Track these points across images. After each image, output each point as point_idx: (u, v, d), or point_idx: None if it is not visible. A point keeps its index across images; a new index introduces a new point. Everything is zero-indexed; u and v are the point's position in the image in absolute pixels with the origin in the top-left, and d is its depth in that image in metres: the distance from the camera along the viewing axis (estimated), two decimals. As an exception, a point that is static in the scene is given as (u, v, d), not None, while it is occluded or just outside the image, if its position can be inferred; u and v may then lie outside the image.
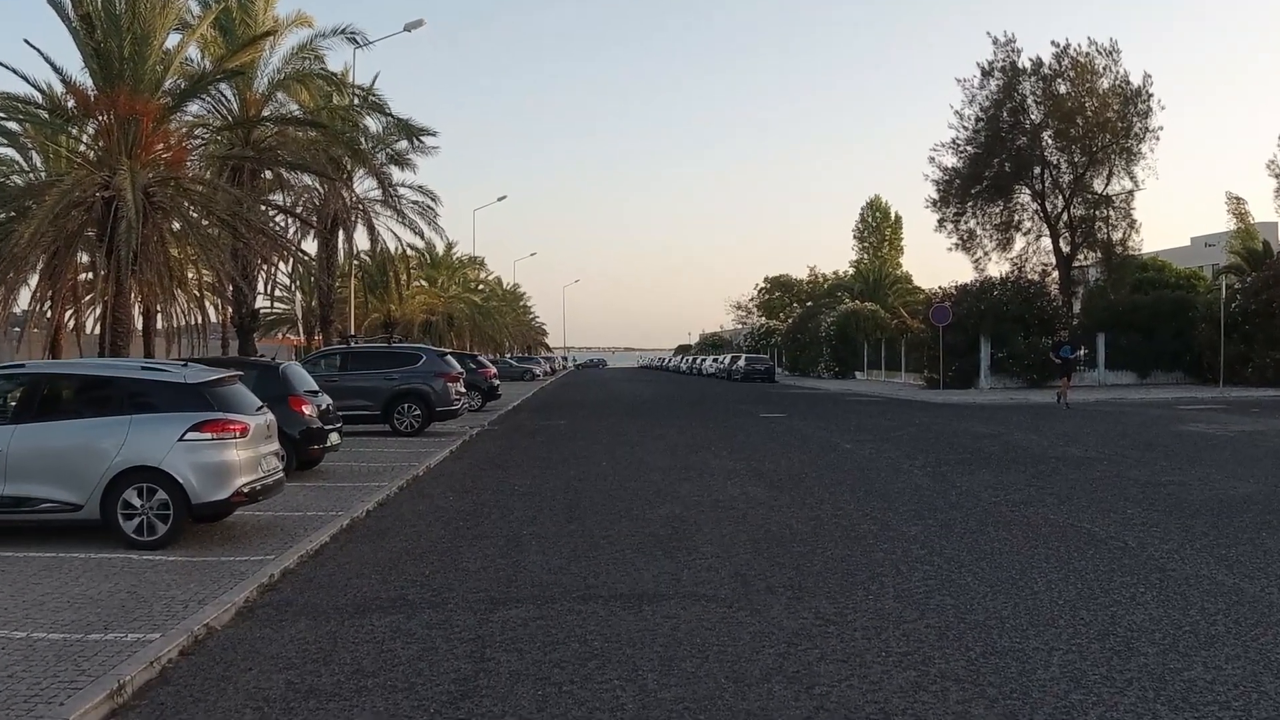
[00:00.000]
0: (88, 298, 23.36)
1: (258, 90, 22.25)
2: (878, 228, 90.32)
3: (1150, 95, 39.45)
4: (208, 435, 7.85)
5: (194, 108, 20.54)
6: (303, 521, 9.00)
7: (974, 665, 4.92)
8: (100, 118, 16.25)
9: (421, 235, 35.38)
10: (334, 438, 12.94)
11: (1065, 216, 41.05)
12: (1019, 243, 42.88)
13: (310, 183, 26.53)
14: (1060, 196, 41.08)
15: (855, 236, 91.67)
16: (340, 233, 28.48)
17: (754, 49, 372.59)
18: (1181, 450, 14.80)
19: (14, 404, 8.20)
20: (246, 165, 20.77)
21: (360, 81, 28.73)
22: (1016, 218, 42.71)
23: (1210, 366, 34.56)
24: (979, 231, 43.09)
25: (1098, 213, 40.44)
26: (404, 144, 29.59)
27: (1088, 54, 39.69)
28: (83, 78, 16.31)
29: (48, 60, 17.54)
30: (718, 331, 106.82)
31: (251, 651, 5.31)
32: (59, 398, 8.32)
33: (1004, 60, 40.60)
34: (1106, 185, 40.38)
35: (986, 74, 40.93)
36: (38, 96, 16.97)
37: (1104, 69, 39.69)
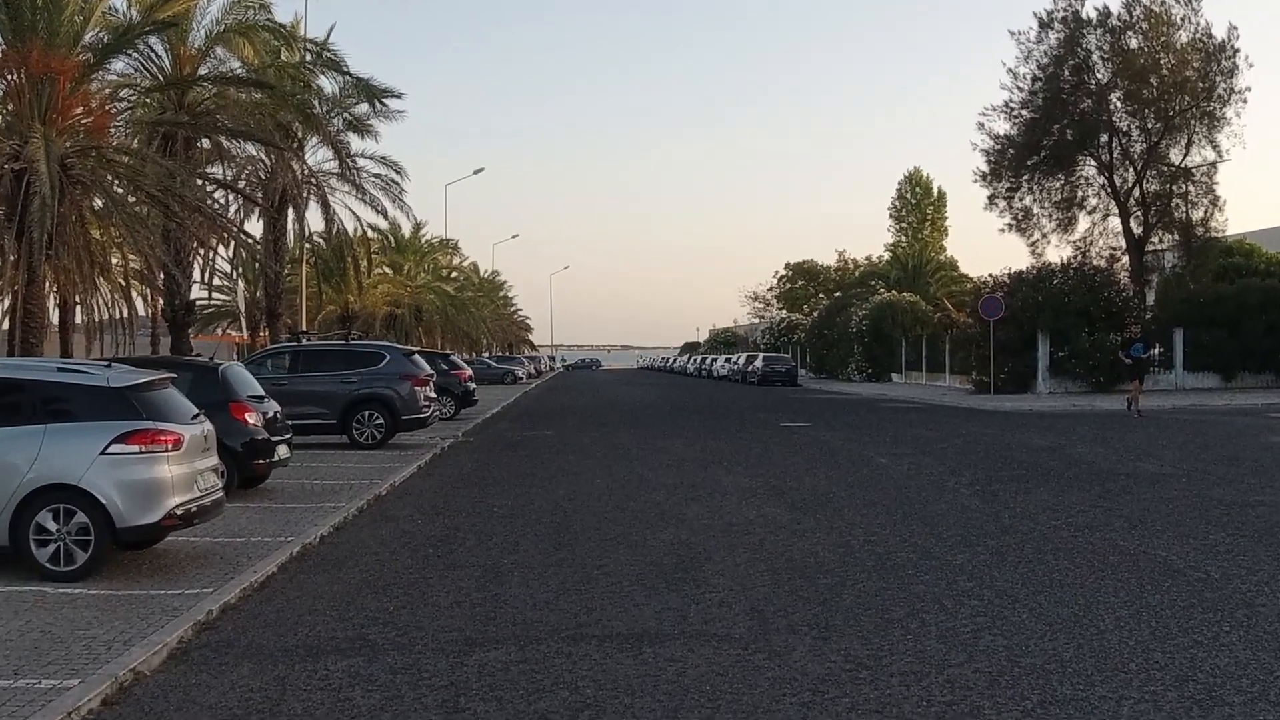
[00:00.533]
0: (-6, 287, 23.38)
1: (193, 45, 22.27)
2: (918, 205, 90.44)
3: (1236, 51, 39.49)
4: (135, 448, 7.85)
5: (119, 65, 20.59)
6: (246, 548, 9.00)
7: (1030, 717, 4.92)
8: (9, 77, 16.27)
9: (385, 214, 35.35)
10: (282, 450, 12.95)
11: (1137, 192, 41.06)
12: (1083, 223, 42.95)
13: (254, 153, 26.57)
14: (1131, 169, 41.10)
15: (891, 216, 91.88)
16: (290, 211, 28.52)
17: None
18: (1273, 465, 14.81)
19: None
20: (180, 132, 20.79)
21: (313, 35, 28.75)
22: (1080, 194, 42.75)
23: (1307, 367, 34.56)
24: (1036, 210, 43.17)
25: (1175, 188, 40.44)
26: (364, 107, 29.68)
27: (1163, 2, 39.72)
28: (-11, 30, 16.34)
29: (-53, 10, 17.46)
30: (731, 327, 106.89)
31: (186, 700, 5.31)
32: (-39, 404, 8.31)
33: (1065, 9, 40.65)
34: (1185, 156, 40.43)
35: (1045, 25, 40.98)
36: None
37: (1182, 20, 39.74)
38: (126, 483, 7.78)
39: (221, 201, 26.29)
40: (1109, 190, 41.72)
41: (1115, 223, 42.06)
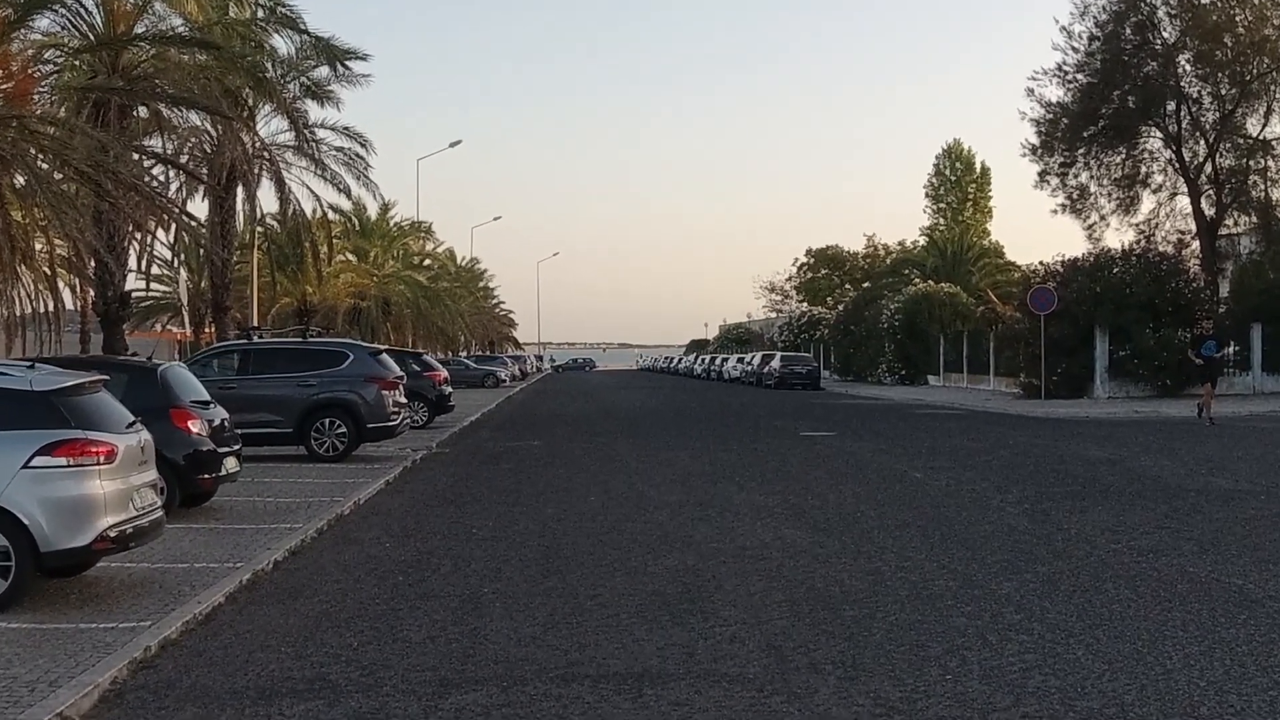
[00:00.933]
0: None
1: (129, -1, 22.27)
2: (958, 183, 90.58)
3: (1324, 5, 39.49)
4: (62, 461, 7.85)
5: (43, 23, 20.59)
6: (189, 575, 9.00)
7: (1087, 768, 4.92)
8: (-82, 36, 16.27)
9: (348, 193, 35.42)
10: (231, 463, 12.96)
11: (1209, 168, 41.07)
12: (1147, 203, 42.95)
13: (199, 123, 26.58)
14: (1202, 141, 41.11)
15: (928, 195, 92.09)
16: (239, 190, 28.53)
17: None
18: (1364, 480, 14.82)
19: None
20: (114, 100, 20.78)
21: (266, -13, 28.68)
22: (1144, 170, 42.77)
23: (1404, 368, 34.53)
24: (1093, 188, 43.18)
25: (1253, 163, 40.45)
26: (324, 71, 29.71)
27: (1238, -50, 39.76)
28: (-106, -17, 16.34)
29: None
30: (744, 322, 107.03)
31: (120, 750, 5.31)
32: None
33: (1127, -42, 40.65)
34: (1264, 126, 40.47)
35: (1104, -24, 40.97)
36: None
37: (1260, -30, 39.76)
38: (52, 500, 7.77)
39: (161, 179, 26.28)
40: (1177, 165, 41.71)
41: (1184, 203, 42.07)
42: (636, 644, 7.04)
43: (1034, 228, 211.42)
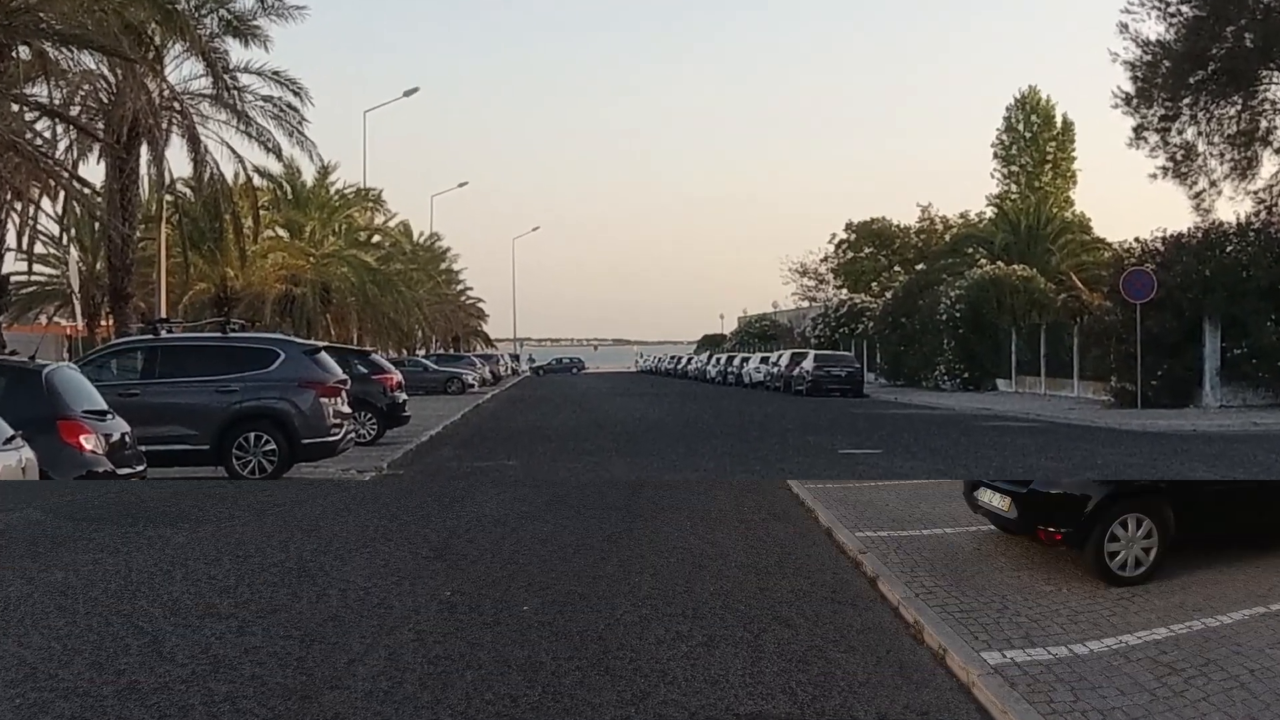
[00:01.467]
0: None
1: (6, -87, 22.27)
2: (1034, 140, 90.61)
3: None
4: (-77, 485, 7.84)
5: (-99, -58, 20.56)
6: (81, 628, 8.98)
7: None
8: None
9: (278, 153, 35.38)
10: (133, 489, 12.94)
11: (1345, 122, 41.05)
12: (1268, 165, 42.88)
13: (94, 67, 26.58)
14: (1337, 89, 41.09)
15: (997, 155, 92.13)
16: (144, 149, 28.54)
17: None
18: None
19: None
20: (-12, 38, 20.80)
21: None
22: (1264, 124, 42.68)
23: None
24: (1202, 146, 43.12)
25: (1399, 116, 40.45)
26: (249, 2, 29.78)
27: None
28: None
29: None
30: (769, 313, 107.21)
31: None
32: None
33: None
34: None
35: (1215, -114, 40.95)
36: None
37: None
38: (-89, 534, 7.77)
39: (47, 136, 26.29)
40: (1306, 119, 41.70)
41: (1315, 166, 42.04)
42: (636, 712, 7.04)
43: (1128, 196, 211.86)
